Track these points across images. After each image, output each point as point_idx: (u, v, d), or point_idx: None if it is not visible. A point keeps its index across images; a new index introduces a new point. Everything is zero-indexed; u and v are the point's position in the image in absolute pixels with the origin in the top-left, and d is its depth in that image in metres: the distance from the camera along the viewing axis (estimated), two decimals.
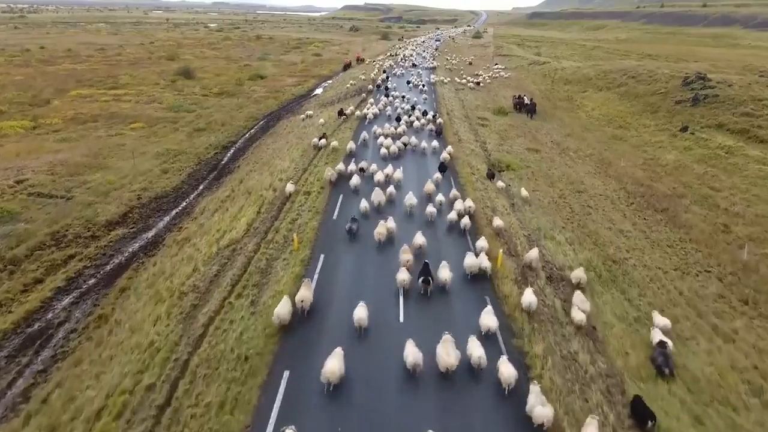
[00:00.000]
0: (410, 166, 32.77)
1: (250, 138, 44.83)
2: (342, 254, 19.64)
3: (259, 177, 29.86)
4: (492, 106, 56.75)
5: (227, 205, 26.30)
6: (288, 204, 24.61)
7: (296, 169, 30.07)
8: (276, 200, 25.15)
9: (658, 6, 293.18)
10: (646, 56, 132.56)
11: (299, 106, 58.57)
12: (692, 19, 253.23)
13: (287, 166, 30.68)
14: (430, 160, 34.32)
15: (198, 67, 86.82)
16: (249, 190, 27.48)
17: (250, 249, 19.92)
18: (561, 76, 72.68)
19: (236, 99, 60.46)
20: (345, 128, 42.23)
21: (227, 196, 27.65)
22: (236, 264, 18.85)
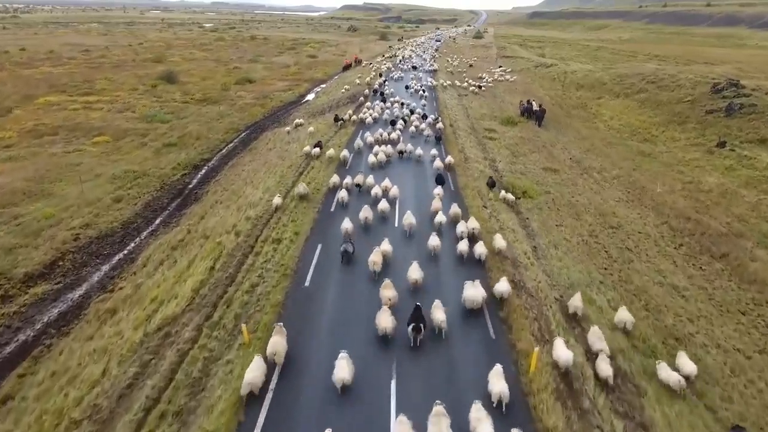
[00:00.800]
0: (407, 178, 29.00)
1: (227, 154, 39.16)
2: (315, 334, 14.16)
3: (224, 213, 24.25)
4: (499, 115, 51.12)
5: (177, 254, 20.69)
6: (251, 257, 19.00)
7: (269, 202, 24.43)
8: (237, 251, 19.52)
9: (660, 5, 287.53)
10: (654, 57, 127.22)
11: (287, 115, 52.92)
12: (696, 19, 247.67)
13: (258, 198, 25.02)
14: (430, 170, 30.63)
15: (184, 70, 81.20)
16: (207, 233, 21.86)
17: (186, 337, 14.28)
18: (572, 80, 67.00)
19: (219, 107, 54.80)
20: (340, 134, 37.16)
21: (180, 241, 22.02)
22: (163, 365, 13.25)
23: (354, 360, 12.68)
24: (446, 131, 40.74)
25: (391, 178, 26.55)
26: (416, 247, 20.07)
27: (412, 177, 29.90)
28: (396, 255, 18.88)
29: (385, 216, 22.75)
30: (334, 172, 28.60)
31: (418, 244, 20.35)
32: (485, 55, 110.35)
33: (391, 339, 14.23)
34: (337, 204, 24.04)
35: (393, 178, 26.87)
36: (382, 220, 22.68)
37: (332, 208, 23.58)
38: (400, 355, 13.67)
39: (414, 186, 28.02)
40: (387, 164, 31.12)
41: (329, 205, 24.24)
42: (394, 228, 22.01)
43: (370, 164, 29.97)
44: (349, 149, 33.17)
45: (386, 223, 22.63)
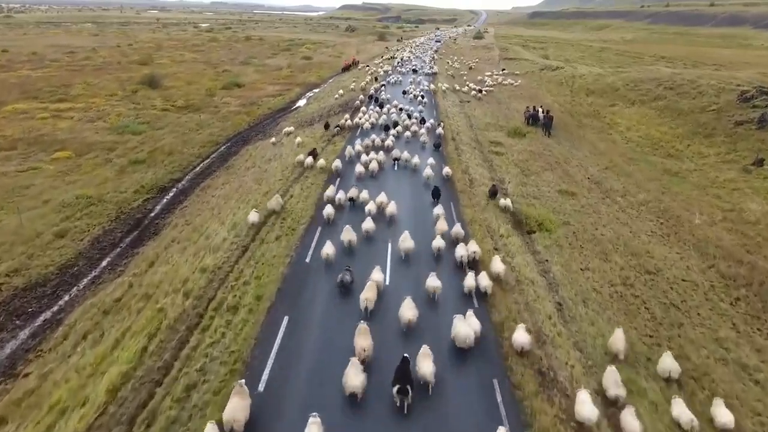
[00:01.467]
0: (402, 192, 26.38)
1: (201, 173, 34.59)
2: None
3: (178, 258, 19.69)
4: (505, 124, 46.60)
5: (107, 323, 16.13)
6: (196, 334, 14.48)
7: (234, 244, 19.90)
8: (180, 323, 14.97)
9: (662, 5, 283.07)
10: (660, 58, 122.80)
11: (274, 125, 48.32)
12: (700, 19, 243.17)
13: (221, 239, 20.46)
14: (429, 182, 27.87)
15: (170, 73, 76.62)
16: (150, 291, 17.31)
17: None
18: (581, 85, 62.42)
19: (200, 115, 50.20)
20: (334, 142, 33.38)
21: (117, 301, 17.44)
22: None
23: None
24: (448, 146, 36.23)
25: (385, 191, 24.24)
26: (414, 276, 17.84)
27: (408, 190, 27.11)
28: (390, 285, 16.95)
29: (370, 236, 20.37)
30: (321, 191, 25.30)
31: (416, 272, 18.14)
32: (487, 57, 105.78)
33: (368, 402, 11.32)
34: (321, 231, 20.95)
35: (387, 191, 24.49)
36: (373, 242, 20.34)
37: (309, 254, 19.01)
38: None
39: (410, 201, 25.32)
40: (379, 173, 29.00)
41: (311, 238, 19.87)
42: (386, 251, 19.61)
43: (357, 174, 27.73)
44: (342, 159, 30.62)
45: (376, 245, 20.16)
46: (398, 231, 20.36)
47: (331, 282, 17.03)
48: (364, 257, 18.79)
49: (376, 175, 28.61)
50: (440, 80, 69.02)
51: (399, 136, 36.99)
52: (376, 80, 67.77)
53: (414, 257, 19.17)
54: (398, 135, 37.01)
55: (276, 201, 23.07)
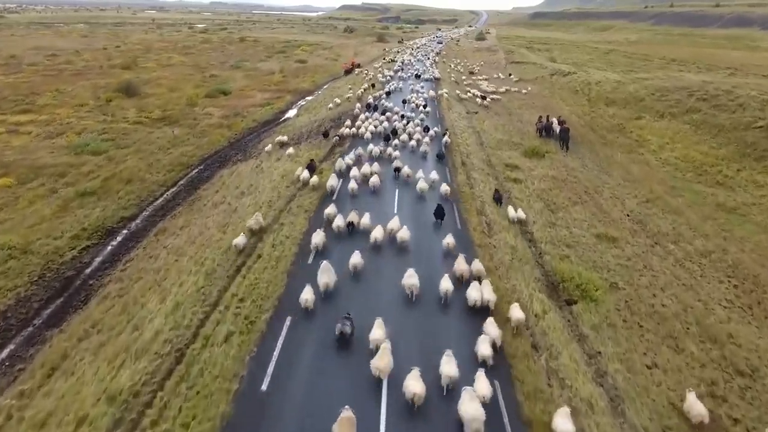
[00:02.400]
0: (404, 211, 24.01)
1: (161, 208, 28.57)
2: None
3: (87, 368, 13.71)
4: (519, 141, 40.74)
5: None
6: None
7: (167, 346, 14.01)
8: None
9: (667, 6, 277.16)
10: (671, 61, 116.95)
11: (258, 141, 42.37)
12: (705, 20, 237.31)
13: (152, 334, 14.53)
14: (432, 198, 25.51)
15: (153, 79, 70.70)
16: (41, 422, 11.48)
17: None
18: (599, 94, 56.46)
19: (173, 130, 44.22)
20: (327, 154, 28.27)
21: None
22: None
23: None
24: (458, 173, 30.34)
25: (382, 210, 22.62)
26: (420, 323, 15.41)
27: (410, 212, 24.25)
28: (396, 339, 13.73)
29: (357, 272, 17.64)
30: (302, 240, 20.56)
31: (423, 316, 15.76)
32: (492, 60, 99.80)
33: None
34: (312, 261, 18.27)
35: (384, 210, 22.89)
36: (368, 280, 17.58)
37: (265, 381, 12.94)
38: None
39: (413, 224, 22.12)
40: (379, 188, 26.66)
41: (273, 341, 14.05)
42: (388, 291, 16.88)
43: (350, 191, 25.32)
44: (339, 174, 28.27)
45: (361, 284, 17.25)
46: (408, 264, 17.70)
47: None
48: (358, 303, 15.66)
49: (378, 189, 26.43)
50: (444, 86, 63.11)
51: (404, 145, 34.75)
52: (373, 87, 61.88)
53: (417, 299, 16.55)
54: (403, 145, 34.76)
55: (256, 219, 21.11)
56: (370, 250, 19.26)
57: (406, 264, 17.84)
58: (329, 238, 19.99)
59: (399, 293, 16.71)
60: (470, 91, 61.25)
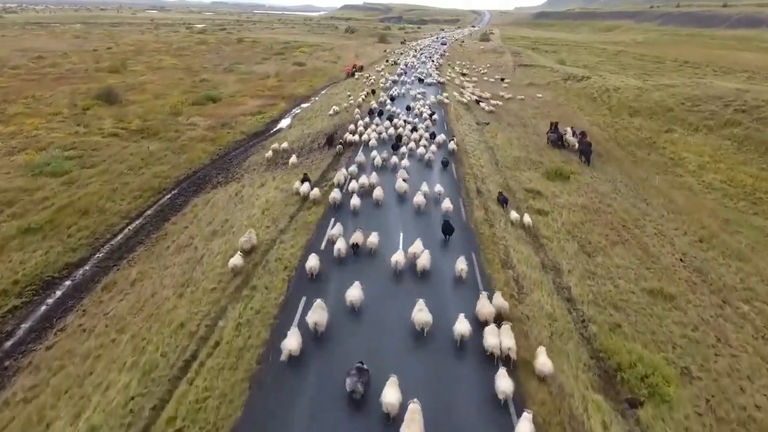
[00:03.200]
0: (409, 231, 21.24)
1: (119, 248, 23.75)
2: None
3: None
4: (539, 159, 35.83)
5: None
6: None
7: None
8: None
9: (673, 6, 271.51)
10: (683, 63, 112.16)
11: (244, 157, 37.52)
12: (713, 20, 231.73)
13: None
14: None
15: (139, 83, 65.93)
16: None
17: None
18: (620, 102, 51.46)
19: (150, 146, 39.38)
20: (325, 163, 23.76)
21: None
22: None
23: None
24: (473, 206, 25.42)
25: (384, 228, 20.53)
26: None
27: (413, 228, 21.65)
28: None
29: (354, 305, 15.17)
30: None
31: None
32: (499, 63, 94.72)
33: None
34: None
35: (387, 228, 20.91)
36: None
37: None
38: None
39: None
40: (384, 202, 24.28)
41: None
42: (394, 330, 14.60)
43: (352, 209, 22.93)
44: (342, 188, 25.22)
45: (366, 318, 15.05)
46: (415, 293, 15.75)
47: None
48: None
49: (382, 203, 24.15)
50: (450, 91, 58.16)
51: (412, 153, 32.31)
52: (373, 93, 57.04)
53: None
54: (410, 153, 32.36)
55: (248, 238, 19.16)
56: (389, 278, 17.36)
57: (411, 293, 15.79)
58: (330, 263, 17.87)
59: (406, 331, 14.43)
60: (472, 95, 56.59)
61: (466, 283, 17.42)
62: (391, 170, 28.47)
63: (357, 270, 17.53)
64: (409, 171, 27.79)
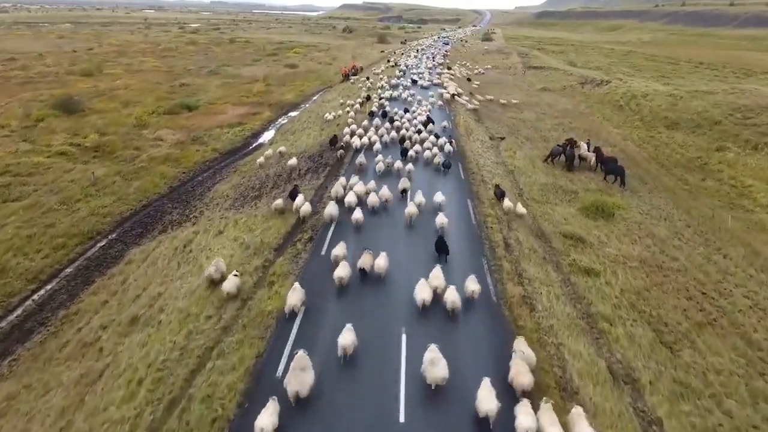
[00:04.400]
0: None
1: (7, 335, 16.94)
2: None
3: None
4: (570, 185, 29.00)
5: None
6: None
7: None
8: None
9: (678, 5, 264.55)
10: (699, 65, 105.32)
11: (209, 186, 30.53)
12: (720, 19, 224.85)
13: None
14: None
15: (109, 89, 59.00)
16: None
17: None
18: (653, 112, 44.57)
19: (94, 172, 32.47)
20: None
21: None
22: None
23: None
24: (501, 269, 18.52)
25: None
26: None
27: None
28: None
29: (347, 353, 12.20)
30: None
31: None
32: (506, 65, 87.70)
33: None
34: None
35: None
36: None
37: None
38: None
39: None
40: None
41: None
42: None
43: (354, 223, 19.92)
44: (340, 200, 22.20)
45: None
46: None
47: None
48: None
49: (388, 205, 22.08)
50: (460, 104, 51.28)
51: (417, 157, 30.01)
52: (368, 99, 50.26)
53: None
54: (415, 157, 29.92)
55: (232, 284, 15.24)
56: (413, 318, 14.13)
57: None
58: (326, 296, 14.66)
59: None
60: (476, 100, 50.11)
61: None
62: (396, 176, 25.97)
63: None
64: (414, 177, 25.35)
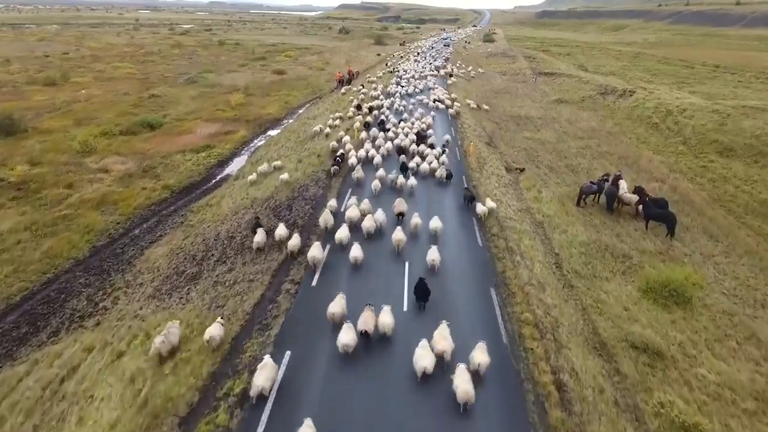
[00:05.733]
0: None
1: None
2: None
3: None
4: (617, 242, 21.70)
5: None
6: None
7: None
8: None
9: (683, 4, 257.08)
10: (716, 68, 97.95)
11: (142, 249, 23.06)
12: (727, 19, 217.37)
13: None
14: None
15: (66, 103, 51.45)
16: None
17: None
18: (697, 133, 37.22)
19: (22, 211, 25.22)
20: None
21: None
22: None
23: None
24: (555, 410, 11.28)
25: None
26: None
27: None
28: None
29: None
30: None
31: None
32: (513, 70, 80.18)
33: None
34: None
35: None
36: None
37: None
38: None
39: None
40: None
41: None
42: None
43: (352, 260, 17.15)
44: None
45: None
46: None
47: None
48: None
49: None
50: (463, 115, 43.89)
51: (415, 171, 27.40)
52: (359, 108, 43.07)
53: None
54: (414, 171, 27.27)
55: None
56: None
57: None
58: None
59: None
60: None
61: None
62: (395, 192, 24.09)
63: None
64: (406, 197, 22.77)
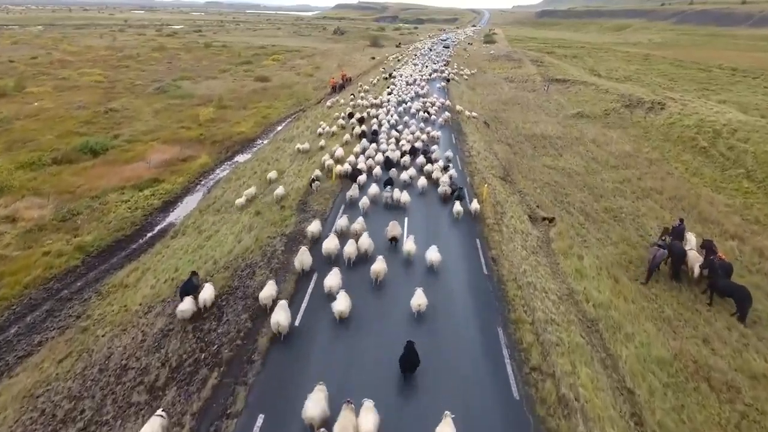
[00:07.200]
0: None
1: None
2: None
3: None
4: (711, 361, 14.40)
5: None
6: None
7: None
8: None
9: (686, 3, 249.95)
10: (734, 71, 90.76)
11: (26, 350, 15.87)
12: (732, 19, 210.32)
13: None
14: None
15: (8, 119, 43.91)
16: None
17: None
18: (760, 161, 30.06)
19: None
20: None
21: None
22: None
23: None
24: None
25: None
26: None
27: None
28: None
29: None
30: None
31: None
32: (521, 77, 72.64)
33: None
34: None
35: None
36: None
37: None
38: None
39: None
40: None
41: None
42: None
43: (338, 316, 13.85)
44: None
45: None
46: None
47: None
48: None
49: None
50: (471, 137, 36.47)
51: (407, 184, 24.46)
52: (351, 117, 35.49)
53: None
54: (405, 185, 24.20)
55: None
56: None
57: None
58: None
59: None
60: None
61: None
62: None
63: None
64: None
